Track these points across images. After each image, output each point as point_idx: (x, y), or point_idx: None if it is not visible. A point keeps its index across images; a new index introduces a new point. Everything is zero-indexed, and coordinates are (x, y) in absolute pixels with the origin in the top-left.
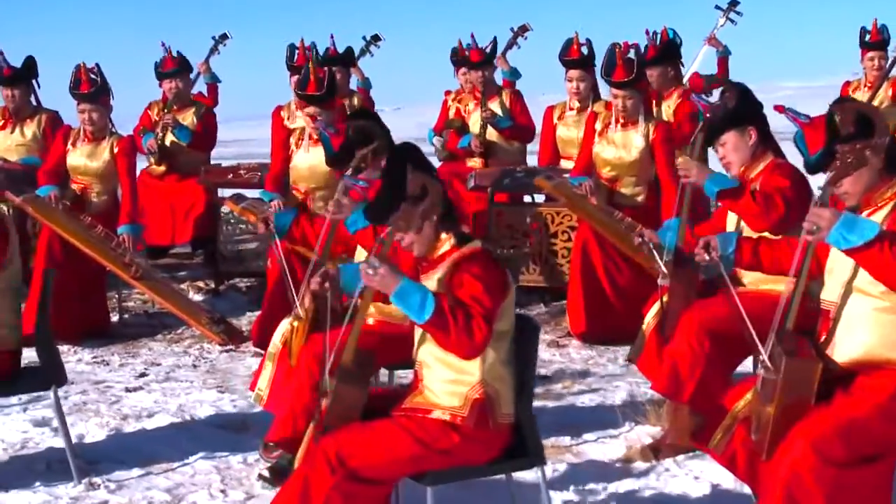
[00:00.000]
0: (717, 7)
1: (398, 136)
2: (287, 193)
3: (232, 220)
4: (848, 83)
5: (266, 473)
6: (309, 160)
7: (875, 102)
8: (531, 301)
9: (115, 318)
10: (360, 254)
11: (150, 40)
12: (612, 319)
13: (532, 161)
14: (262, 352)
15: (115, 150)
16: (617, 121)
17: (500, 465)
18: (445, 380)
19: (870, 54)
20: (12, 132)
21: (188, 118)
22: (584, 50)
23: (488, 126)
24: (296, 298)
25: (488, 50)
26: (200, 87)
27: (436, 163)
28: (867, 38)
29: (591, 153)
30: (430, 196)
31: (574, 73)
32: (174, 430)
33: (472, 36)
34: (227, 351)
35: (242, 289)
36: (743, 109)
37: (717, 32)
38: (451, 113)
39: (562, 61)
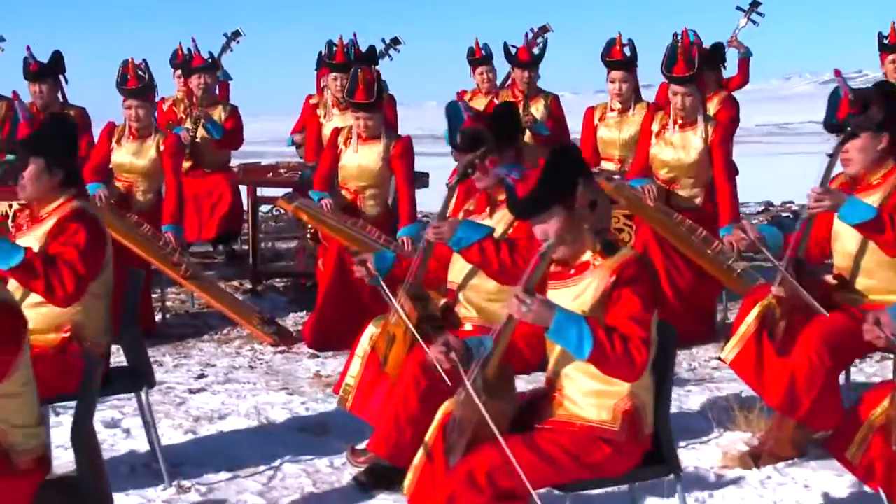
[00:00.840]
0: (739, 8)
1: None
2: (335, 192)
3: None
4: None
5: (362, 478)
6: (358, 160)
7: None
8: None
9: (157, 318)
10: (457, 271)
11: (161, 36)
12: (673, 323)
13: None
14: (319, 354)
15: (161, 147)
16: (675, 122)
17: (639, 473)
18: (590, 391)
19: (891, 57)
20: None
21: (216, 114)
22: (627, 51)
23: (526, 130)
24: (396, 306)
25: (536, 52)
26: None
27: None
28: (885, 41)
29: (648, 154)
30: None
31: (616, 74)
32: (250, 432)
33: (526, 35)
34: (281, 352)
35: (280, 288)
36: (886, 114)
37: (739, 34)
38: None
39: (604, 62)
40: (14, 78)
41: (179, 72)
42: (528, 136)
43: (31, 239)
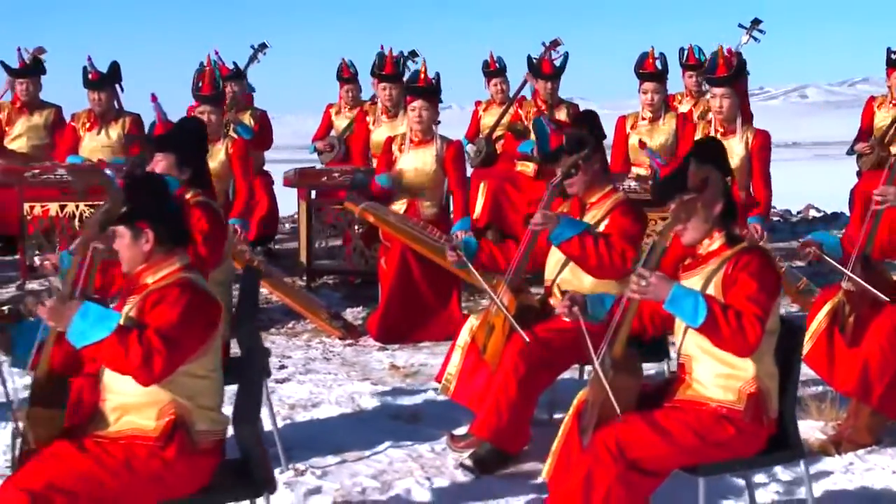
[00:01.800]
0: (741, 25)
1: None
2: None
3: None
4: (873, 98)
5: (468, 462)
6: (413, 163)
7: None
8: None
9: None
10: (552, 267)
11: (190, 47)
12: None
13: None
14: (386, 346)
15: (230, 151)
16: (716, 130)
17: (765, 458)
18: (717, 374)
19: None
20: (98, 134)
21: (245, 119)
22: (658, 64)
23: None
24: (493, 295)
25: (558, 63)
26: None
27: (469, 169)
28: (893, 57)
29: None
30: (710, 189)
31: (649, 85)
32: (345, 420)
33: (547, 47)
34: (349, 345)
35: (331, 284)
36: None
37: (741, 49)
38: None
39: (637, 74)
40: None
41: (348, 86)
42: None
43: None
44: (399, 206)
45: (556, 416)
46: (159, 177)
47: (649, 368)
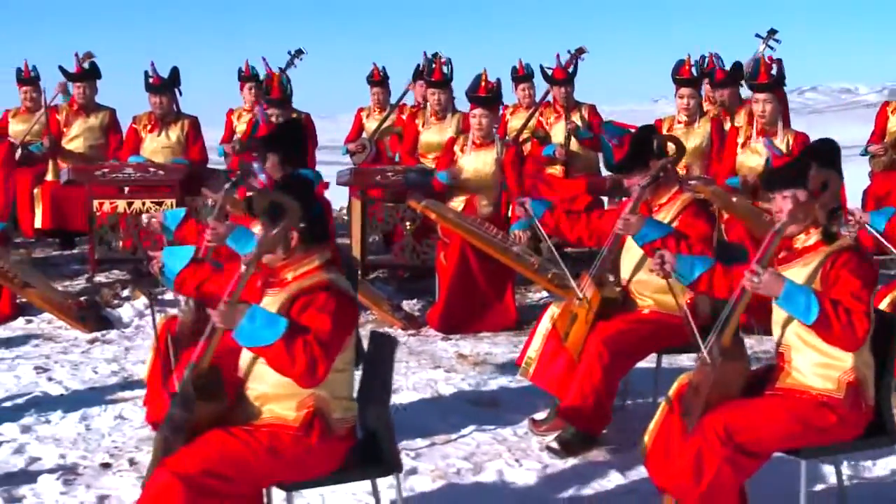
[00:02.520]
0: (758, 35)
1: None
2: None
3: None
4: (887, 103)
5: (554, 445)
6: (473, 163)
7: None
8: None
9: None
10: (627, 266)
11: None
12: None
13: None
14: (450, 336)
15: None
16: (759, 133)
17: (863, 443)
18: (816, 363)
19: None
20: (158, 135)
21: None
22: (694, 71)
23: (571, 137)
24: (577, 289)
25: (570, 70)
26: None
27: None
28: None
29: (735, 162)
30: (828, 192)
31: (685, 90)
32: (427, 405)
33: (558, 56)
34: (412, 335)
35: (382, 278)
36: None
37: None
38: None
39: (674, 80)
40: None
41: (250, 84)
42: (575, 145)
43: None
44: (457, 204)
45: (628, 402)
46: (306, 178)
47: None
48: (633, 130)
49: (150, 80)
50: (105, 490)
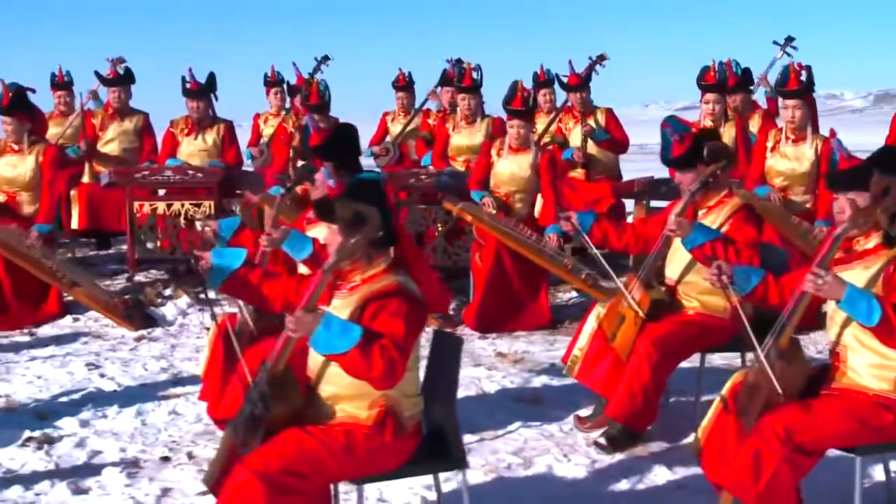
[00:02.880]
0: (775, 42)
1: None
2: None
3: None
4: None
5: (602, 441)
6: (509, 167)
7: None
8: None
9: None
10: (674, 268)
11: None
12: None
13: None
14: (487, 335)
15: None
16: (787, 137)
17: None
18: (871, 364)
19: None
20: (195, 139)
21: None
22: (719, 76)
23: (588, 140)
24: (622, 290)
25: (584, 75)
26: None
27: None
28: None
29: (763, 166)
30: (890, 197)
31: (710, 95)
32: (472, 402)
33: (570, 62)
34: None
35: None
36: None
37: (774, 67)
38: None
39: (699, 85)
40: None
41: (276, 89)
42: (594, 148)
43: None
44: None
45: (671, 399)
46: (378, 184)
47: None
48: (693, 129)
49: (188, 86)
50: (167, 483)
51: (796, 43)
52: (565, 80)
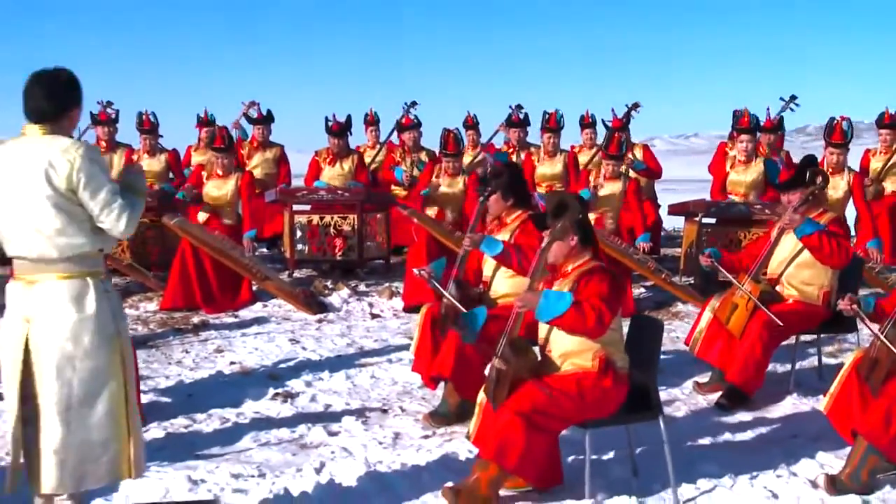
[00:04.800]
0: (781, 98)
1: None
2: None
3: None
4: (868, 150)
5: (724, 401)
6: (608, 191)
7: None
8: None
9: None
10: (777, 263)
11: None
12: None
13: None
14: None
15: (467, 183)
16: (829, 171)
17: None
18: None
19: (882, 132)
20: (334, 167)
21: (422, 157)
22: (753, 121)
23: (629, 169)
24: (738, 285)
25: (625, 120)
26: None
27: None
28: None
29: None
30: None
31: (745, 136)
32: None
33: (613, 110)
34: None
35: None
36: None
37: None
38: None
39: (735, 129)
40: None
41: (372, 128)
42: (632, 173)
43: (506, 233)
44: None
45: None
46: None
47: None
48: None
49: (331, 126)
50: (395, 428)
51: (799, 100)
52: (609, 123)
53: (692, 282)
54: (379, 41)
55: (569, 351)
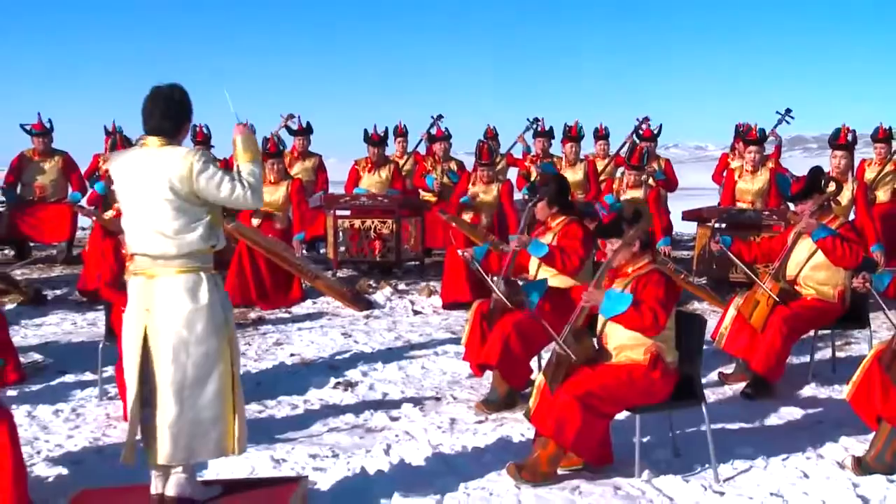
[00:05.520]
0: (777, 112)
1: None
2: None
3: None
4: (864, 160)
5: (749, 391)
6: (630, 195)
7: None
8: None
9: None
10: (794, 265)
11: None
12: None
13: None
14: None
15: (501, 188)
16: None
17: None
18: None
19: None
20: (373, 174)
21: (452, 166)
22: (759, 133)
23: (650, 178)
24: (760, 284)
25: (656, 132)
26: None
27: None
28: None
29: None
30: None
31: (752, 147)
32: None
33: (640, 121)
34: None
35: None
36: None
37: (777, 129)
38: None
39: (743, 140)
40: None
41: (399, 139)
42: (651, 181)
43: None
44: None
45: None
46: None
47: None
48: (798, 176)
49: (371, 136)
50: (450, 414)
51: (794, 113)
52: (641, 131)
53: (704, 282)
54: (403, 62)
55: (623, 344)
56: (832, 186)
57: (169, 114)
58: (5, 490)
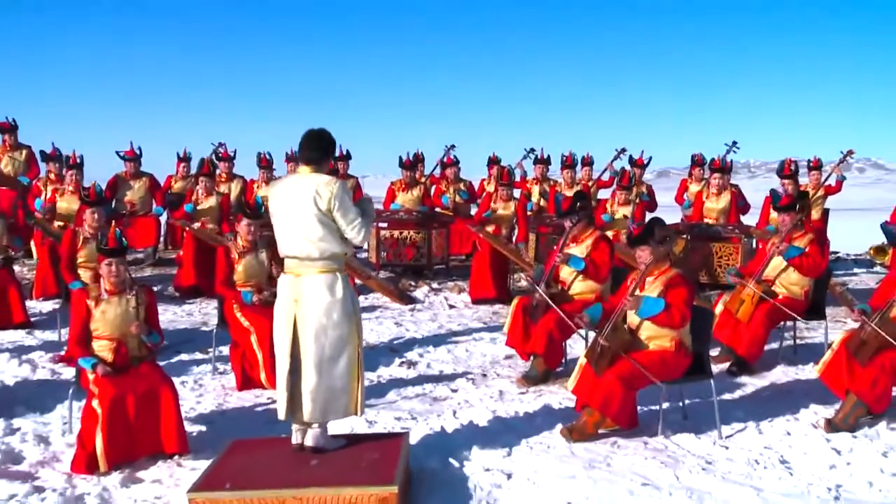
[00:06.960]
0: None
1: None
2: None
3: None
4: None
5: (734, 369)
6: (618, 216)
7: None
8: None
9: None
10: (772, 269)
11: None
12: None
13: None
14: None
15: (516, 205)
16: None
17: None
18: None
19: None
20: (406, 193)
21: (462, 187)
22: (723, 161)
23: (637, 198)
24: (748, 284)
25: (645, 163)
26: None
27: None
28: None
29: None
30: None
31: (716, 174)
32: None
33: (617, 152)
34: None
35: None
36: None
37: (841, 166)
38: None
39: (710, 169)
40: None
41: (420, 164)
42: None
43: (581, 247)
44: None
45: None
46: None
47: None
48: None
49: (405, 162)
50: (497, 387)
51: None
52: (634, 160)
53: None
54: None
55: (653, 335)
56: (805, 209)
57: (319, 148)
58: (172, 436)
